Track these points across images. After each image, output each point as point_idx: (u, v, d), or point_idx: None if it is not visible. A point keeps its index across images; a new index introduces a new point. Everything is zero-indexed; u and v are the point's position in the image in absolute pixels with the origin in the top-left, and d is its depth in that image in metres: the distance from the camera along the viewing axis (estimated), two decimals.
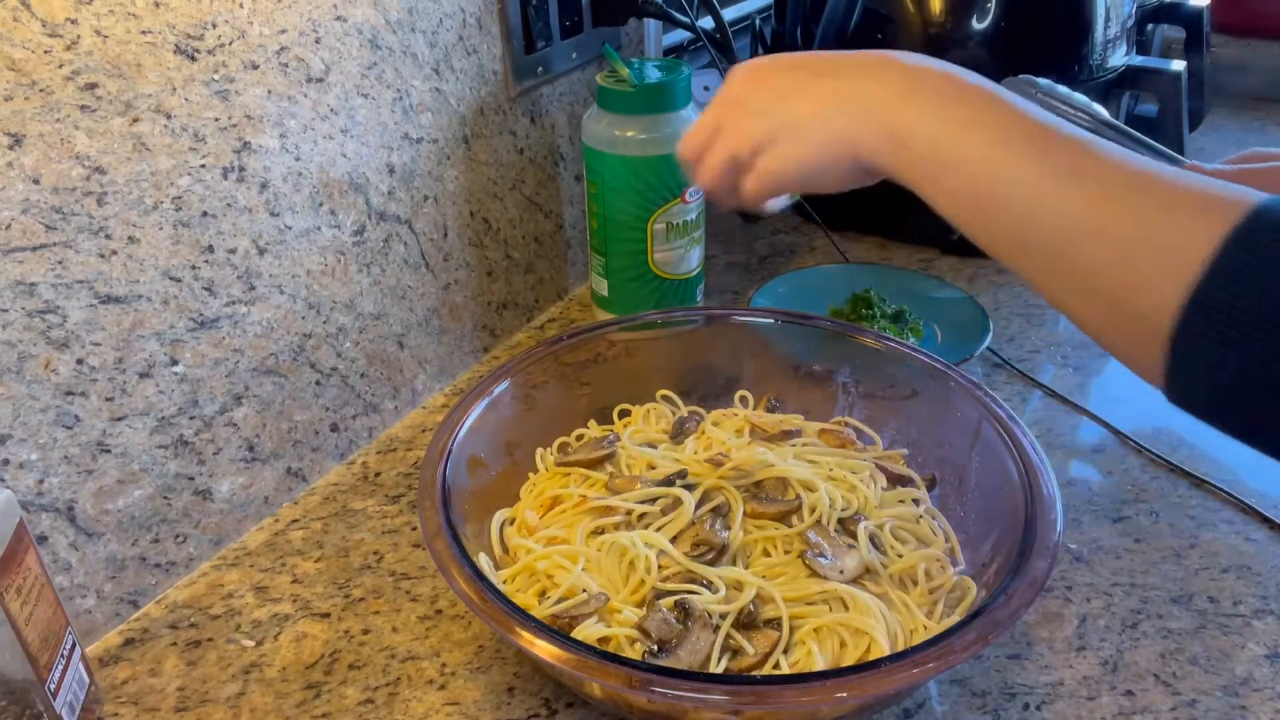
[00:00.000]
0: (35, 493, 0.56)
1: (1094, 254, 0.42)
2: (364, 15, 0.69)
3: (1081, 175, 0.44)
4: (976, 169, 0.46)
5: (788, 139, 0.53)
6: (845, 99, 0.51)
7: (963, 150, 0.47)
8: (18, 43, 0.50)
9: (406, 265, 0.78)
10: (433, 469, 0.60)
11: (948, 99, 0.49)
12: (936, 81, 0.50)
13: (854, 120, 0.51)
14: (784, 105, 0.53)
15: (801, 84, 0.53)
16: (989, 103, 0.48)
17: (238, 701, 0.57)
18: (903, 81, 0.50)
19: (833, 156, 0.52)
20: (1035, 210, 0.44)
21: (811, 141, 0.52)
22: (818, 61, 0.54)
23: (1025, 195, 0.45)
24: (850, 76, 0.52)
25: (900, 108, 0.49)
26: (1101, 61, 0.99)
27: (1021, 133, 0.46)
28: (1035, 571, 0.52)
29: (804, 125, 0.52)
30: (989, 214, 0.47)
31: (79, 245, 0.55)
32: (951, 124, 0.48)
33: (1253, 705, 0.56)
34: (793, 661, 0.54)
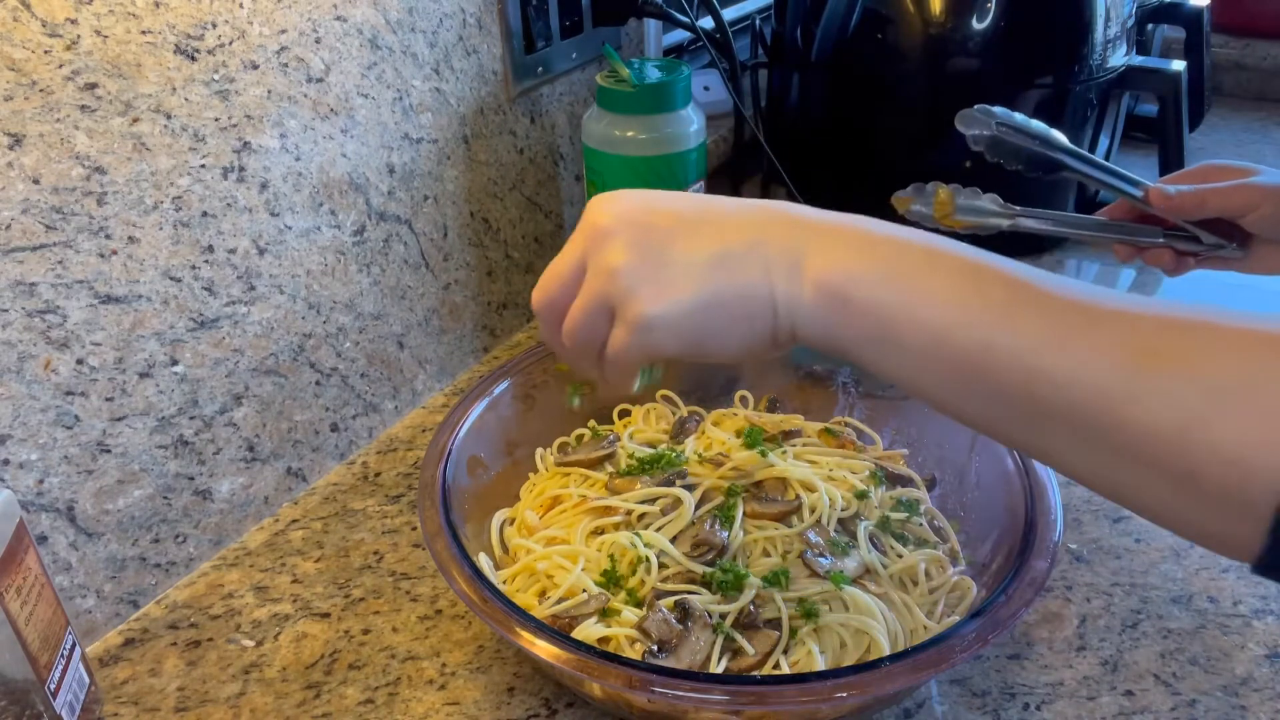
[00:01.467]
0: (35, 493, 0.56)
1: (1152, 419, 0.34)
2: (364, 15, 0.69)
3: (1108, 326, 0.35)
4: (957, 331, 0.38)
5: (680, 278, 0.41)
6: (758, 240, 0.41)
7: (927, 304, 0.38)
8: (18, 43, 0.50)
9: (406, 265, 0.78)
10: (433, 469, 0.60)
11: (881, 245, 0.40)
12: (852, 227, 0.42)
13: (773, 267, 0.41)
14: (673, 240, 0.42)
15: (686, 221, 0.43)
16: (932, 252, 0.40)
17: (238, 701, 0.57)
18: (814, 225, 0.42)
19: (739, 308, 0.41)
20: (1052, 378, 0.35)
21: (711, 285, 0.41)
22: (696, 199, 0.44)
23: (1034, 360, 0.36)
24: (756, 216, 0.42)
25: (832, 255, 0.40)
26: (1101, 61, 0.99)
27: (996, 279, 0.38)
28: (1035, 571, 0.52)
29: (701, 264, 0.41)
30: (973, 384, 0.38)
31: (79, 245, 0.55)
32: (903, 274, 0.39)
33: (1253, 705, 0.56)
34: (793, 661, 0.54)
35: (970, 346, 0.37)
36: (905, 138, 1.04)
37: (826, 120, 1.10)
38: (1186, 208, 0.63)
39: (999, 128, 0.66)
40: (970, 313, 0.38)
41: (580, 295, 0.45)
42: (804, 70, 1.09)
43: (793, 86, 1.11)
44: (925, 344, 0.39)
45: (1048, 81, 0.98)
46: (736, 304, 0.41)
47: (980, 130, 0.66)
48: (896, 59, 1.00)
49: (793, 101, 1.12)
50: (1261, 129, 1.41)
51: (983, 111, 0.67)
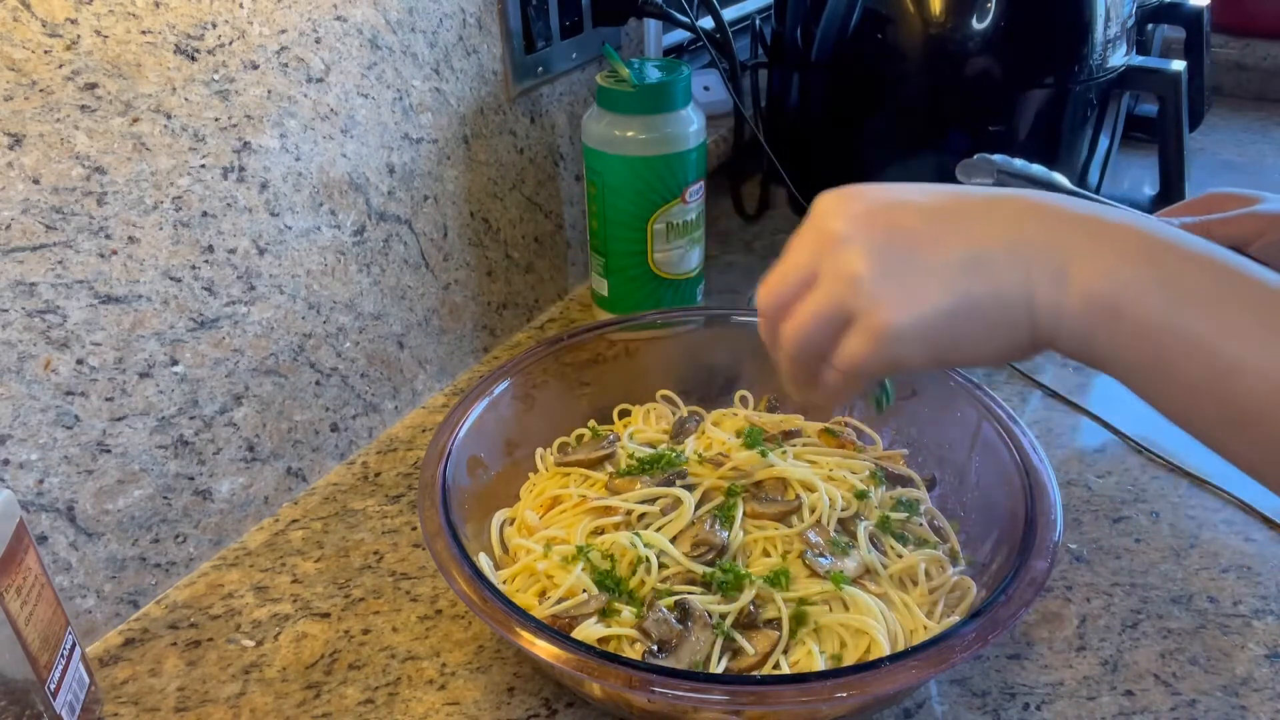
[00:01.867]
0: (35, 493, 0.56)
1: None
2: (364, 15, 0.69)
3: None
4: (1253, 369, 0.34)
5: (930, 284, 0.38)
6: (1018, 242, 0.37)
7: (1228, 336, 0.34)
8: (18, 43, 0.50)
9: (406, 265, 0.78)
10: (433, 469, 0.60)
11: (1158, 250, 0.36)
12: (1123, 228, 0.37)
13: (1026, 271, 0.37)
14: (921, 244, 0.38)
15: (932, 223, 0.39)
16: (1227, 263, 0.36)
17: (238, 701, 0.57)
18: (1087, 229, 0.37)
19: (995, 315, 0.38)
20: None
21: (965, 291, 0.38)
22: (941, 194, 0.40)
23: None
24: (1009, 214, 0.38)
25: (1103, 264, 0.36)
26: (1101, 61, 0.99)
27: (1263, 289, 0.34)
28: (1035, 571, 0.52)
29: (955, 270, 0.38)
30: (1262, 428, 0.34)
31: (79, 245, 0.55)
32: (1191, 292, 0.35)
33: (1253, 705, 0.56)
34: (793, 661, 0.54)
35: (1261, 390, 0.34)
36: (905, 138, 1.04)
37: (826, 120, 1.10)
38: None
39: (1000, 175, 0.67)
40: (1268, 351, 0.33)
41: (813, 300, 0.41)
42: (804, 70, 1.09)
43: (793, 86, 1.11)
44: (1206, 379, 0.35)
45: (1048, 81, 0.98)
46: (993, 311, 0.38)
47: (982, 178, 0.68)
48: (896, 59, 1.00)
49: (793, 101, 1.12)
50: (1261, 129, 1.41)
51: (983, 160, 0.68)
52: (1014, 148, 1.01)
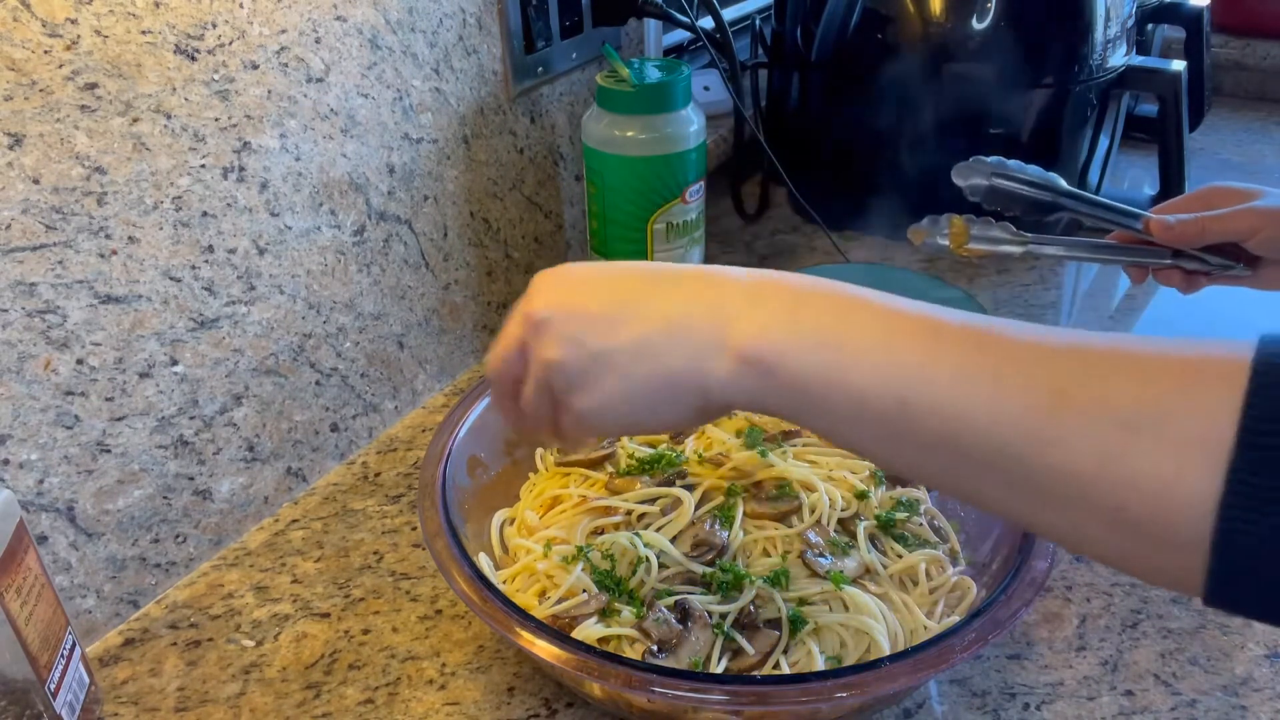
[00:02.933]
0: (35, 493, 0.56)
1: (1074, 458, 0.33)
2: (364, 15, 0.69)
3: (1021, 369, 0.35)
4: (875, 390, 0.37)
5: (607, 373, 0.43)
6: (677, 322, 0.42)
7: (847, 364, 0.38)
8: (18, 43, 0.50)
9: (406, 265, 0.78)
10: (433, 469, 0.60)
11: (803, 304, 0.40)
12: (776, 288, 0.41)
13: (694, 348, 0.41)
14: (601, 334, 0.43)
15: (618, 306, 0.43)
16: (856, 303, 0.40)
17: (238, 701, 0.57)
18: (745, 293, 0.41)
19: (666, 394, 0.42)
20: (973, 426, 0.35)
21: (637, 376, 0.42)
22: (626, 275, 0.45)
23: (952, 410, 0.36)
24: (676, 294, 0.42)
25: (754, 326, 0.40)
26: (1101, 61, 0.99)
27: (914, 328, 0.38)
28: (1035, 571, 0.52)
29: (626, 357, 0.42)
30: (902, 438, 0.38)
31: (79, 245, 0.55)
32: (824, 333, 0.39)
33: (1253, 705, 0.56)
34: (793, 661, 0.54)
35: (890, 404, 0.37)
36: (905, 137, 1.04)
37: (826, 120, 1.10)
38: (1187, 237, 0.64)
39: (994, 177, 0.67)
40: (886, 370, 0.37)
41: (528, 380, 0.46)
42: (804, 70, 1.09)
43: (793, 86, 1.11)
44: (849, 408, 0.38)
45: (1048, 81, 0.99)
46: (663, 390, 0.42)
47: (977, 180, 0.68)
48: (896, 59, 1.00)
49: (793, 101, 1.12)
50: (1261, 129, 1.41)
51: (977, 162, 0.68)
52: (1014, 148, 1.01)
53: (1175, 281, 0.68)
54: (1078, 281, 1.03)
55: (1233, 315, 0.91)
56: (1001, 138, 1.01)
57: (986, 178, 0.67)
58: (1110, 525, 0.34)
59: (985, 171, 0.67)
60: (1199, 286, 0.67)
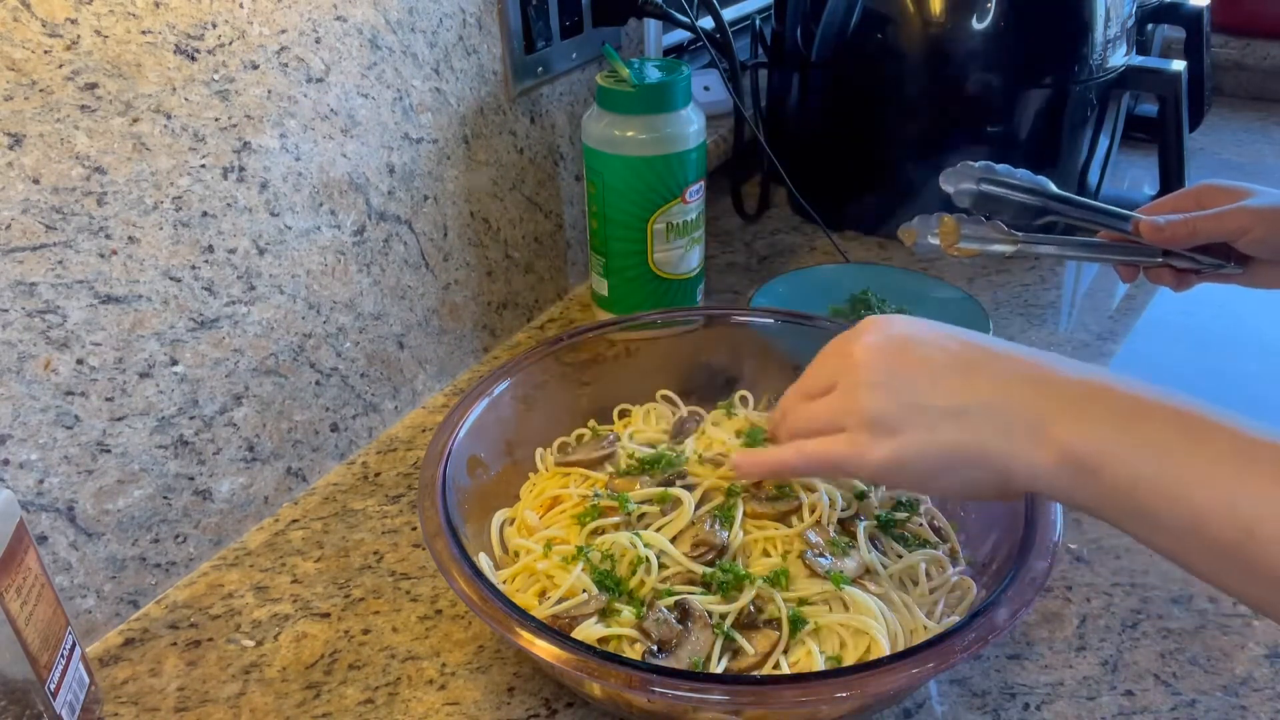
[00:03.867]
0: (35, 493, 0.56)
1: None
2: (364, 15, 0.69)
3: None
4: (1218, 514, 0.37)
5: (914, 427, 0.44)
6: (1000, 401, 0.43)
7: (1187, 481, 0.38)
8: (18, 43, 0.50)
9: (406, 265, 0.78)
10: (433, 469, 0.60)
11: (1149, 415, 0.40)
12: (1108, 389, 0.41)
13: (1012, 429, 0.42)
14: (918, 388, 0.44)
15: (944, 368, 0.45)
16: (1203, 421, 0.39)
17: (238, 701, 0.57)
18: (1077, 389, 0.42)
19: (966, 464, 0.43)
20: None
21: (944, 439, 0.43)
22: (961, 344, 0.46)
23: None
24: (1003, 372, 0.44)
25: (1084, 424, 0.40)
26: (1101, 61, 0.99)
27: (1266, 454, 0.37)
28: (1035, 571, 0.52)
29: (939, 416, 0.44)
30: (1242, 566, 0.37)
31: (79, 245, 0.55)
32: (1161, 446, 0.39)
33: (1253, 705, 0.56)
34: (793, 661, 0.54)
35: (1232, 531, 0.37)
36: (905, 137, 1.04)
37: (826, 120, 1.10)
38: (1178, 238, 0.64)
39: (982, 182, 0.67)
40: (1233, 496, 0.37)
41: (826, 404, 0.48)
42: (804, 70, 1.09)
43: (793, 86, 1.11)
44: (1184, 524, 0.38)
45: (1048, 81, 0.99)
46: (964, 459, 0.44)
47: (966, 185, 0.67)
48: (896, 59, 1.00)
49: (793, 101, 1.12)
50: (1261, 129, 1.41)
51: (965, 167, 0.67)
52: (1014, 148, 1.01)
53: (1166, 280, 0.68)
54: (1078, 281, 1.03)
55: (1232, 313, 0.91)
56: (1001, 138, 1.01)
57: (975, 183, 0.67)
58: None
59: (973, 176, 0.67)
60: (1190, 284, 0.68)
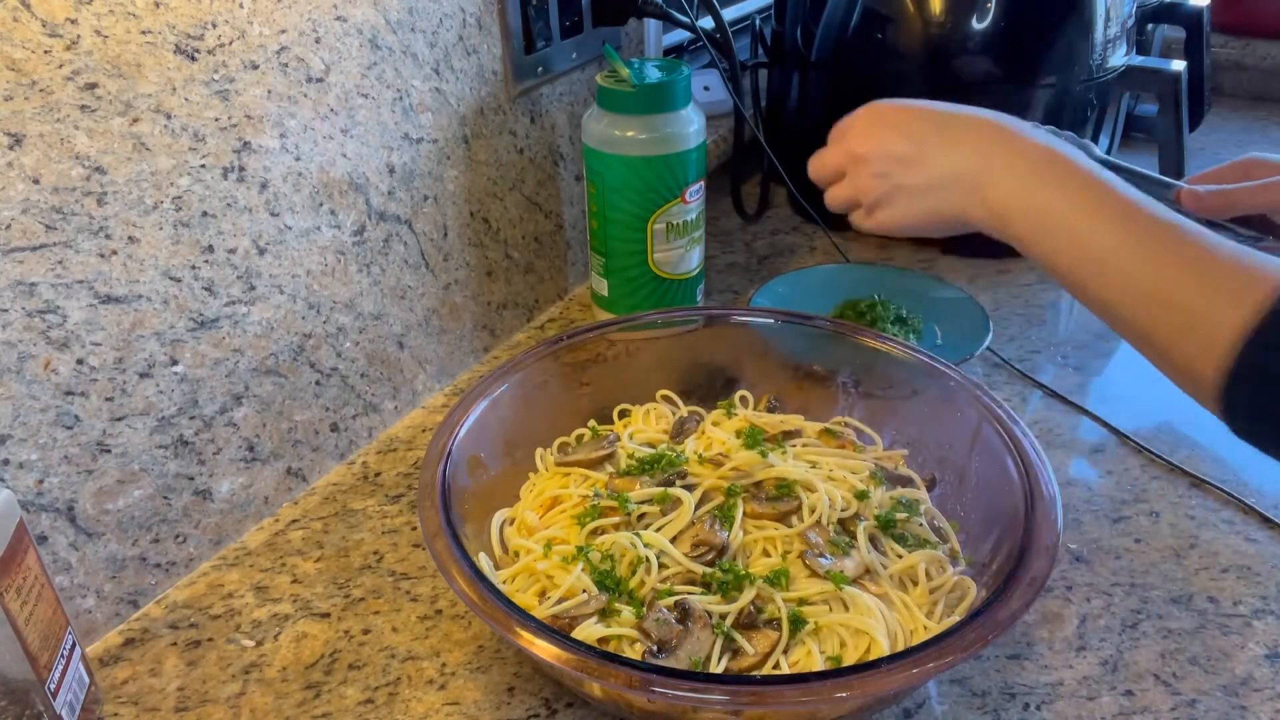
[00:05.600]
0: (35, 493, 0.56)
1: (1150, 316, 0.52)
2: (364, 15, 0.69)
3: (1153, 243, 0.52)
4: (1063, 247, 0.55)
5: (904, 201, 0.64)
6: (954, 176, 0.61)
7: (1056, 227, 0.56)
8: (18, 43, 0.50)
9: (406, 265, 0.78)
10: (433, 469, 0.60)
11: (1044, 178, 0.57)
12: (1034, 161, 0.58)
13: (963, 196, 0.61)
14: (901, 172, 0.63)
15: (917, 151, 0.62)
16: (1076, 177, 0.56)
17: (238, 701, 0.57)
18: (1005, 162, 0.59)
19: (941, 219, 0.63)
20: (1107, 272, 0.53)
21: (924, 206, 0.63)
22: (935, 122, 0.63)
23: (1102, 261, 0.53)
24: (961, 148, 0.61)
25: (1003, 190, 0.58)
26: (1101, 61, 0.99)
27: (1108, 204, 0.54)
28: (1035, 571, 0.52)
29: (918, 193, 0.63)
30: (1082, 279, 0.55)
31: (79, 245, 0.55)
32: (1047, 203, 0.56)
33: (1253, 705, 0.56)
34: (793, 661, 0.54)
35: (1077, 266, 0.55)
36: None
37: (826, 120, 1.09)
38: (1215, 208, 0.66)
39: None
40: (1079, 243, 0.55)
41: (839, 190, 0.69)
42: (804, 70, 1.09)
43: (793, 86, 1.11)
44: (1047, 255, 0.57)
45: (1048, 81, 0.98)
46: (938, 217, 0.63)
47: None
48: (896, 59, 1.00)
49: (793, 101, 1.12)
50: (1261, 129, 1.41)
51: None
52: None
53: None
54: None
55: None
56: None
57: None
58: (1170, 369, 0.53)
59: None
60: None
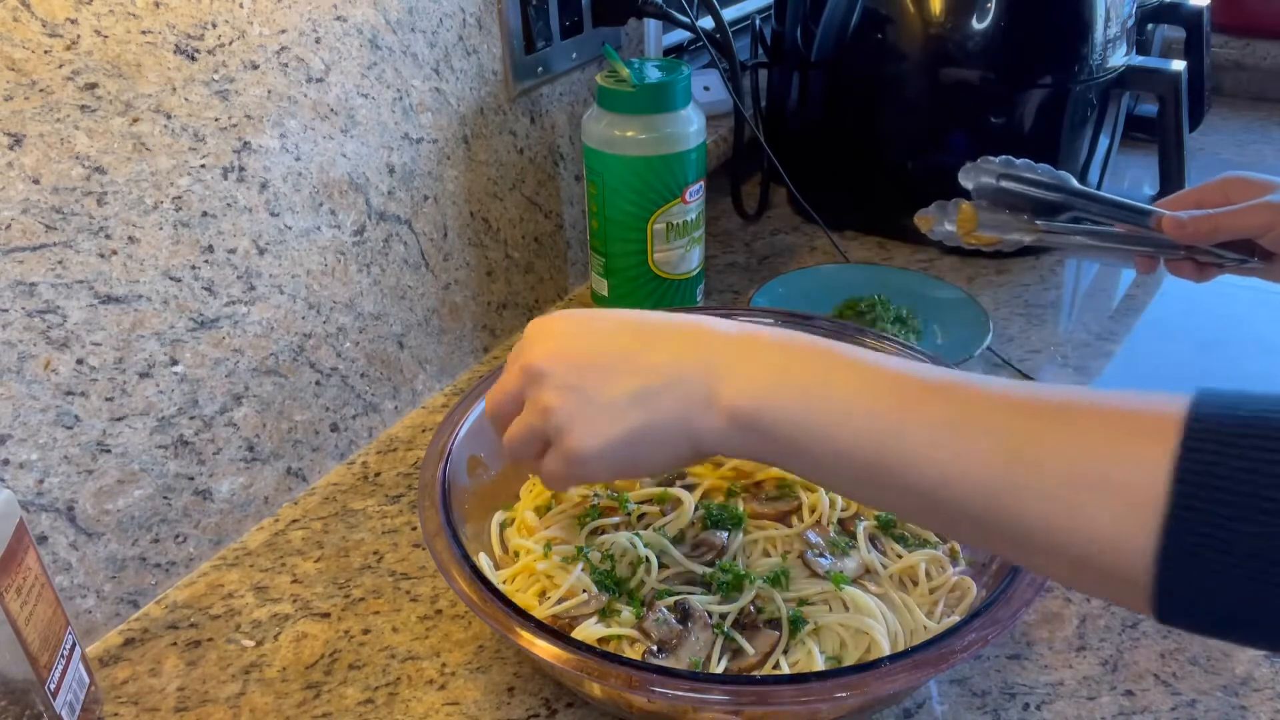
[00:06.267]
0: (35, 493, 0.56)
1: (1032, 512, 0.36)
2: (364, 15, 0.69)
3: (982, 426, 0.38)
4: (855, 445, 0.40)
5: (601, 420, 0.46)
6: (670, 376, 0.45)
7: (828, 422, 0.41)
8: (18, 43, 0.50)
9: (406, 265, 0.78)
10: (433, 469, 0.60)
11: (788, 362, 0.43)
12: (762, 345, 0.44)
13: (686, 401, 0.44)
14: (594, 383, 0.46)
15: (609, 358, 0.46)
16: (833, 360, 0.43)
17: (238, 701, 0.57)
18: (733, 348, 0.45)
19: (658, 441, 0.45)
20: (941, 478, 0.38)
21: (628, 423, 0.45)
22: (620, 328, 0.48)
23: (922, 463, 0.39)
24: (668, 347, 0.46)
25: (741, 382, 0.43)
26: (1101, 61, 0.99)
27: (887, 386, 0.41)
28: None
29: (623, 405, 0.45)
30: (882, 486, 0.41)
31: (79, 245, 0.55)
32: (806, 392, 0.42)
33: (1253, 705, 0.56)
34: (793, 662, 0.54)
35: (869, 457, 0.40)
36: (905, 137, 1.04)
37: (826, 120, 1.10)
38: (1200, 235, 0.63)
39: (1002, 178, 0.66)
40: (864, 426, 0.40)
41: (518, 423, 0.49)
42: (804, 70, 1.09)
43: (793, 86, 1.11)
44: (831, 460, 0.41)
45: (1048, 81, 0.98)
46: (657, 436, 0.45)
47: (985, 180, 0.67)
48: (896, 59, 1.00)
49: (793, 101, 1.12)
50: (1261, 129, 1.41)
51: (984, 162, 0.67)
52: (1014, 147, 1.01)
53: (1187, 273, 0.67)
54: (1078, 281, 1.03)
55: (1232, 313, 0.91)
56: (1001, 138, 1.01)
57: (994, 178, 0.66)
58: (1076, 570, 0.37)
59: (993, 172, 0.67)
60: (1211, 276, 0.67)
